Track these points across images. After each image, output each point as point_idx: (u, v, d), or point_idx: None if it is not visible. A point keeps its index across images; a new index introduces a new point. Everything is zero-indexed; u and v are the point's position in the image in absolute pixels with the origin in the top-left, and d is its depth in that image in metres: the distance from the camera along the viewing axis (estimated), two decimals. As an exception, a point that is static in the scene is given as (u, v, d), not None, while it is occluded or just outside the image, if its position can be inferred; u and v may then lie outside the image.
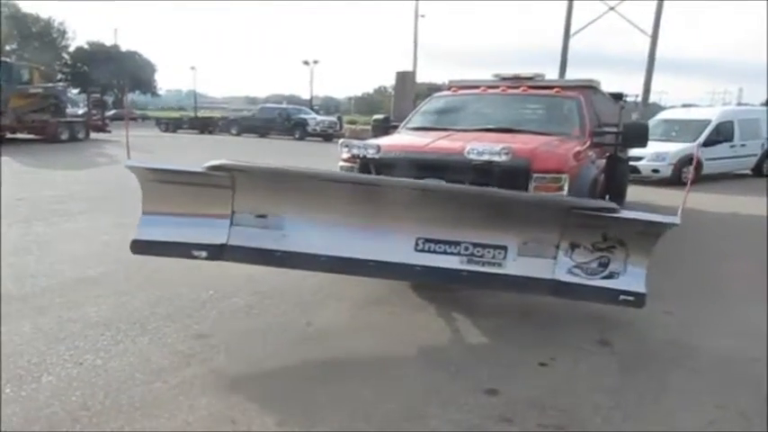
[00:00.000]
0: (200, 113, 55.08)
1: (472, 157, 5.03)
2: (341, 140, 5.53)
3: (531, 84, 7.99)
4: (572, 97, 7.31)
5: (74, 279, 5.28)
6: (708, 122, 14.69)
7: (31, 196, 9.42)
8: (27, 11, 60.96)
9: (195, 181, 4.26)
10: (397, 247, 4.36)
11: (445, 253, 4.32)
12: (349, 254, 4.33)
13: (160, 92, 78.51)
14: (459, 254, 4.29)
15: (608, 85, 9.51)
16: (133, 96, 74.93)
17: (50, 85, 23.54)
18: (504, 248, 4.23)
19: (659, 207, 10.64)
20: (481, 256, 4.25)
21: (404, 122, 7.94)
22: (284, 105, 36.41)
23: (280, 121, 32.26)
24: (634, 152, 13.50)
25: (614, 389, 3.48)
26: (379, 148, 5.42)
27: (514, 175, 5.29)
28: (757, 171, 15.92)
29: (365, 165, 5.85)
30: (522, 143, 5.94)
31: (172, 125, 39.44)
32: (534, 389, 3.43)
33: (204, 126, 38.45)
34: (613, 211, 3.85)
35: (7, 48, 57.95)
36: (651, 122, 16.28)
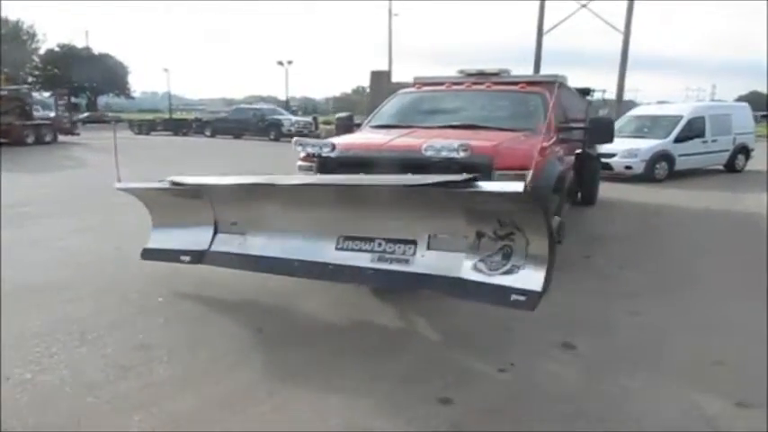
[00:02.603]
0: (176, 115, 54.38)
1: (430, 154, 4.86)
2: (295, 139, 5.31)
3: (496, 80, 7.85)
4: (537, 92, 7.18)
5: (21, 286, 5.00)
6: (679, 118, 14.67)
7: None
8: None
9: (181, 195, 4.88)
10: (321, 246, 4.32)
11: (360, 251, 4.20)
12: (279, 254, 4.46)
13: (135, 94, 77.25)
14: (371, 251, 4.15)
15: (584, 83, 9.43)
16: (107, 99, 73.83)
17: (15, 87, 22.94)
18: (414, 243, 4.03)
19: (630, 203, 10.59)
20: (392, 253, 4.09)
21: (366, 120, 7.77)
22: (258, 106, 35.91)
23: (254, 122, 31.79)
24: (607, 149, 13.49)
25: (576, 395, 3.30)
26: (333, 146, 5.23)
27: (476, 172, 5.12)
28: (729, 166, 15.94)
29: (323, 164, 5.66)
30: (486, 140, 5.78)
31: (145, 127, 38.82)
32: (491, 397, 3.25)
33: (178, 128, 37.88)
34: (468, 184, 3.46)
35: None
36: (623, 119, 16.30)
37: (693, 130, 14.67)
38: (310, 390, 3.31)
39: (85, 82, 64.04)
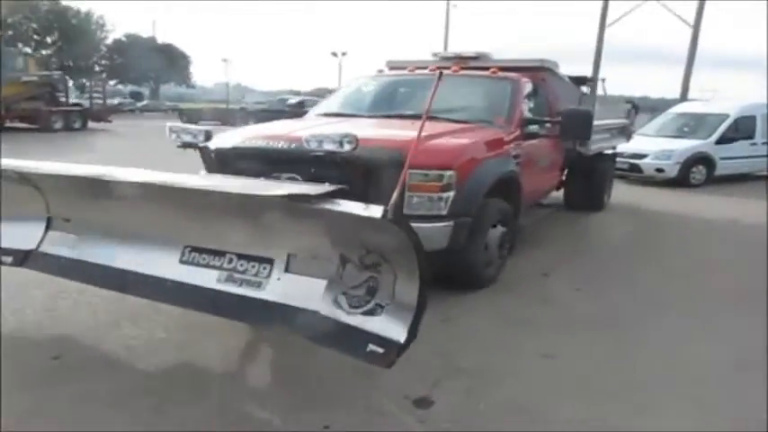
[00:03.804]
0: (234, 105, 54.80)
1: (313, 146, 3.98)
2: (168, 125, 4.50)
3: (466, 64, 6.85)
4: (507, 79, 6.13)
5: None
6: (725, 117, 13.04)
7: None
8: (67, 3, 61.33)
9: (11, 182, 3.82)
10: (162, 258, 3.44)
11: (208, 266, 3.31)
12: (112, 263, 3.57)
13: (208, 84, 78.63)
14: (220, 268, 3.26)
15: (651, 81, 8.18)
16: (169, 88, 75.51)
17: (46, 73, 23.12)
18: (270, 263, 3.14)
19: (647, 210, 9.28)
20: (243, 272, 3.19)
21: (314, 107, 7.00)
22: (300, 97, 35.71)
23: (294, 111, 31.54)
24: (636, 149, 12.17)
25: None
26: (207, 135, 4.39)
27: (382, 169, 4.22)
28: (783, 172, 14.17)
29: (217, 157, 4.87)
30: (412, 131, 4.84)
31: (194, 117, 39.18)
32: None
33: (225, 117, 38.05)
34: (321, 199, 2.64)
35: (48, 40, 59.05)
36: (664, 117, 14.78)
37: (741, 130, 13.03)
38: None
39: (149, 71, 65.52)
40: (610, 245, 6.79)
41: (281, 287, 3.07)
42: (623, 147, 11.16)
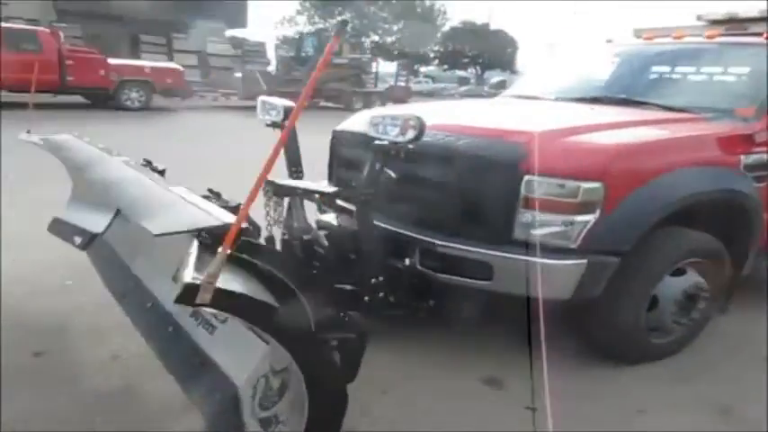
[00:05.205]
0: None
1: (380, 132, 2.95)
2: (261, 98, 3.82)
3: (740, 29, 4.84)
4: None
5: None
6: None
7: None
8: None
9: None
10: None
11: None
12: None
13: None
14: None
15: None
16: (492, 73, 76.70)
17: (356, 56, 24.70)
18: None
19: None
20: None
21: (513, 86, 5.77)
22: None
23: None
24: None
25: None
26: (285, 111, 3.59)
27: (491, 172, 2.99)
28: None
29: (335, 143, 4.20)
30: (562, 123, 3.44)
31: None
32: None
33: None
34: None
35: (394, 28, 64.78)
36: None
37: None
38: None
39: (478, 57, 67.35)
40: None
41: (227, 340, 2.12)
42: None
